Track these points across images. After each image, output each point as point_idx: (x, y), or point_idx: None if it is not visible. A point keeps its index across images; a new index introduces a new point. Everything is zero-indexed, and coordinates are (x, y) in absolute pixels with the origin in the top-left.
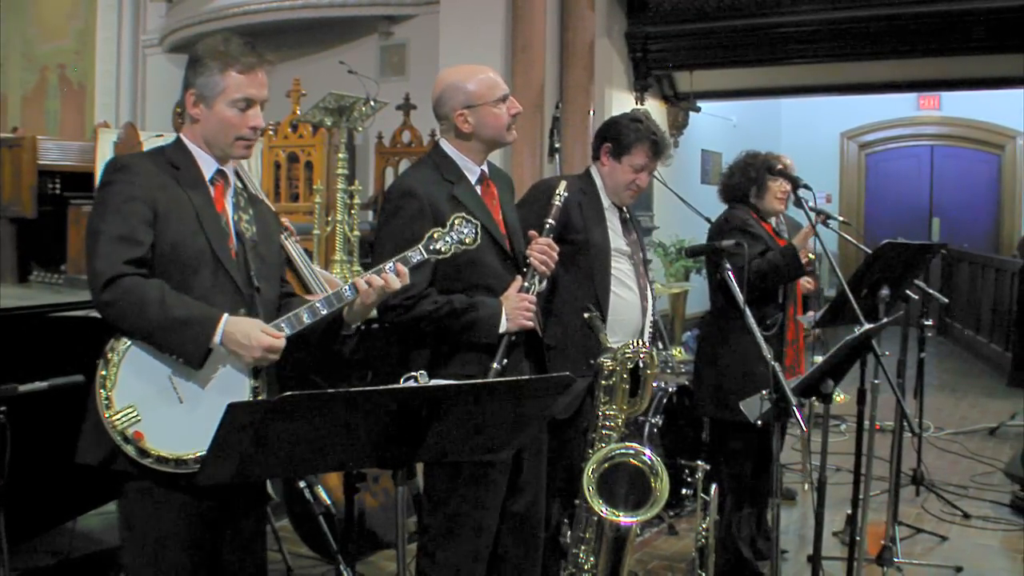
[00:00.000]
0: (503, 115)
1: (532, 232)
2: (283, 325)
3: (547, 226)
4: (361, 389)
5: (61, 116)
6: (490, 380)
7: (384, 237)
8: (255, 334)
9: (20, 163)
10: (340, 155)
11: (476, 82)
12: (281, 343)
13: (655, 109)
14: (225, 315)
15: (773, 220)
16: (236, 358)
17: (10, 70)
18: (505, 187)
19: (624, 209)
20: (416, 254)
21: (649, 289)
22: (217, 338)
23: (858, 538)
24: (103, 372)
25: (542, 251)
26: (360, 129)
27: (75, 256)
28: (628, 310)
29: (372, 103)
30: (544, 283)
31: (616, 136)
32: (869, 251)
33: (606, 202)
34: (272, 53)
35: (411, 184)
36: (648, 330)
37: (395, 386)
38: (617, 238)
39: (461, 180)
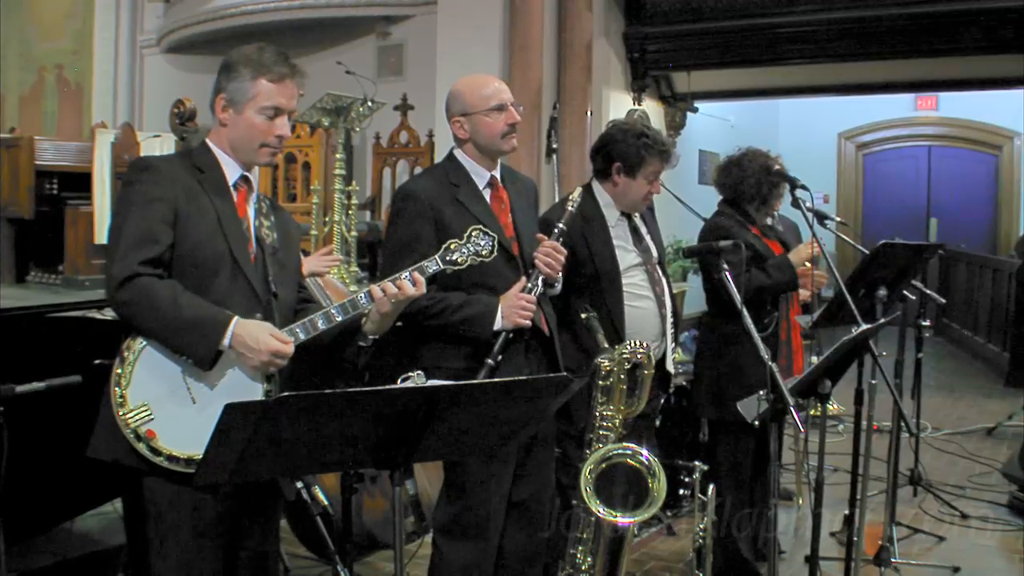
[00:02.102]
0: (497, 124)
1: (540, 235)
2: (298, 330)
3: (556, 230)
4: (358, 390)
5: (59, 116)
6: (486, 380)
7: (387, 239)
8: (264, 338)
9: (18, 163)
10: (337, 155)
11: (473, 91)
12: (289, 349)
13: (652, 109)
14: (236, 317)
15: (777, 219)
16: (243, 361)
17: (8, 70)
18: (522, 191)
19: (632, 216)
20: (432, 264)
21: (667, 292)
22: (227, 340)
23: (856, 538)
24: (119, 370)
25: (547, 253)
26: (357, 130)
27: (72, 256)
28: (647, 318)
29: (370, 103)
30: (556, 286)
31: (624, 155)
32: (866, 251)
33: (611, 219)
34: None
35: (413, 187)
36: (670, 331)
37: (392, 387)
38: (626, 254)
39: (467, 184)
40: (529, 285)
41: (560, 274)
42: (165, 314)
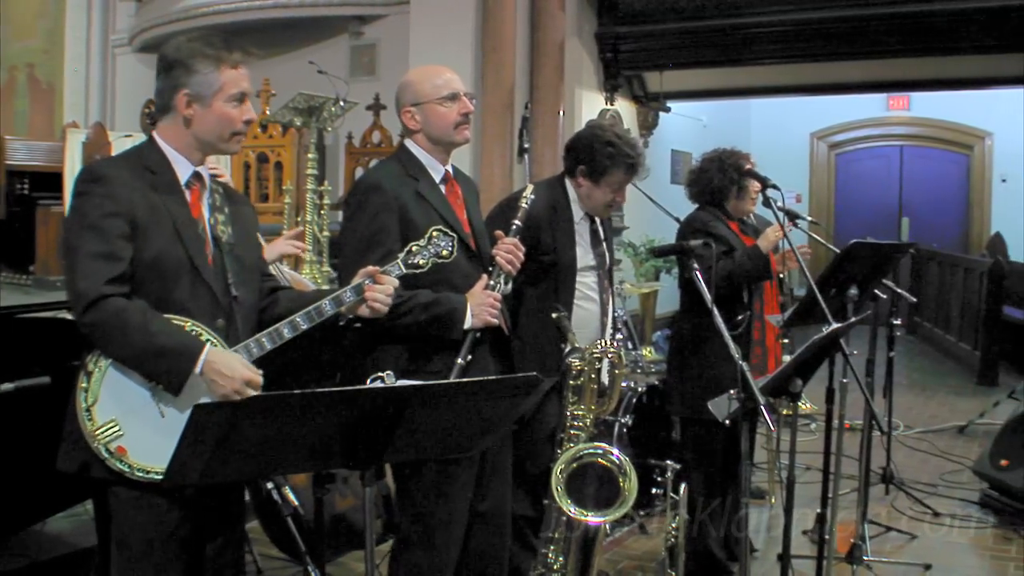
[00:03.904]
0: (450, 114)
1: (498, 232)
2: (264, 340)
3: (513, 227)
4: (326, 390)
5: (30, 116)
6: (456, 381)
7: (349, 233)
8: (237, 367)
9: None
10: (310, 155)
11: (425, 80)
12: (259, 380)
13: (625, 109)
14: (207, 346)
15: (752, 219)
16: (211, 388)
17: None
18: (470, 191)
19: (595, 219)
20: (395, 268)
21: (611, 301)
22: (198, 368)
23: (828, 536)
24: (84, 385)
25: (508, 251)
26: (330, 129)
27: (44, 256)
28: (589, 320)
29: (342, 103)
30: (509, 284)
31: (590, 160)
32: (838, 250)
33: (577, 215)
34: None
35: (377, 179)
36: (608, 340)
37: (362, 387)
38: (585, 254)
39: (425, 177)
40: (492, 283)
41: (515, 271)
42: (136, 340)
